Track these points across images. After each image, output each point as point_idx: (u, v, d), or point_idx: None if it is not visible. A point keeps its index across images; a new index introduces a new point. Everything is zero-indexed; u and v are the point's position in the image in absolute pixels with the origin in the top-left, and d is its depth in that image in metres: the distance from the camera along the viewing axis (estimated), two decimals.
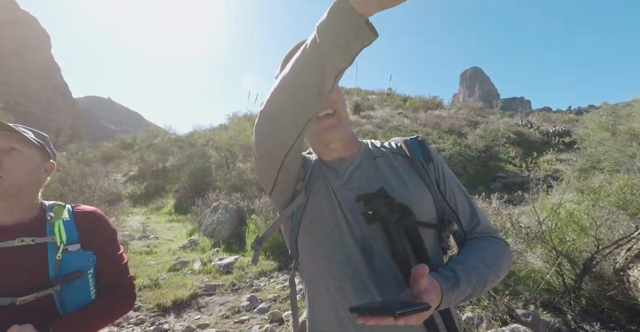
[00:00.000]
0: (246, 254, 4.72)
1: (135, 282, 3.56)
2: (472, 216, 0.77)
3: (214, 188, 8.19)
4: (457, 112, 17.48)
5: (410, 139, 0.85)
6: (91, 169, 9.67)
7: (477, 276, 0.65)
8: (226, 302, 3.16)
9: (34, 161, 0.90)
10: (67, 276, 0.88)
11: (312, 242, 0.77)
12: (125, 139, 19.55)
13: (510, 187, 7.85)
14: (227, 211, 5.98)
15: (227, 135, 10.84)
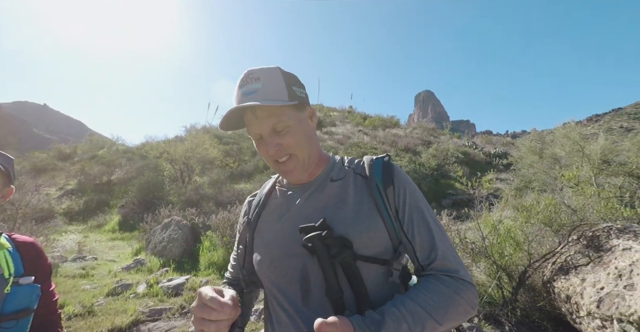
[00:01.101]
0: (199, 273, 4.41)
1: (64, 311, 3.11)
2: (431, 249, 0.67)
3: (166, 203, 7.64)
4: (412, 131, 18.77)
5: (376, 158, 0.77)
6: (18, 182, 8.44)
7: (411, 322, 0.58)
8: (172, 328, 2.89)
9: None
10: (15, 313, 0.80)
11: (260, 270, 0.76)
12: (63, 149, 17.51)
13: (459, 203, 8.51)
14: (180, 227, 5.59)
15: (183, 148, 10.30)
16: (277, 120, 0.69)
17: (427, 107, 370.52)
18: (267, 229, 0.79)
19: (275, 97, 0.68)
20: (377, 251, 0.68)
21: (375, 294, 0.66)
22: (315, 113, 0.79)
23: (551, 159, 7.58)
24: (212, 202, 7.73)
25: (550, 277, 2.43)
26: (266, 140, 0.71)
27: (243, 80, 0.70)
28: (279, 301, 0.72)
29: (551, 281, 2.41)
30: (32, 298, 0.85)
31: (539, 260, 2.59)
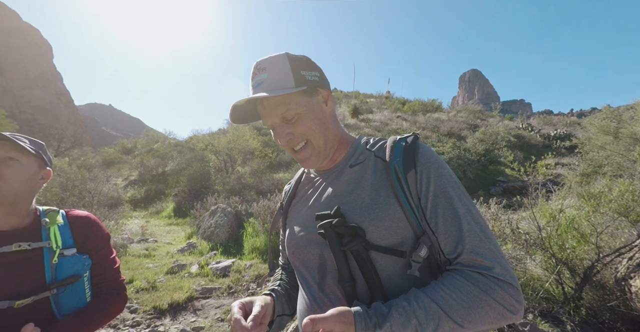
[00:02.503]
0: (243, 257, 4.69)
1: (133, 285, 3.54)
2: (458, 241, 0.60)
3: (212, 192, 8.19)
4: (457, 115, 17.53)
5: (399, 139, 0.71)
6: (92, 174, 9.68)
7: (423, 318, 0.54)
8: (222, 306, 3.13)
9: (31, 169, 0.91)
10: (63, 280, 0.89)
11: (290, 254, 0.78)
12: (126, 144, 19.62)
13: (510, 191, 7.82)
14: (225, 214, 5.96)
15: (226, 140, 10.87)
16: (285, 108, 0.67)
17: (473, 88, 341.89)
18: (295, 215, 0.80)
19: (281, 86, 0.66)
20: (393, 241, 0.63)
21: (392, 287, 0.62)
22: (330, 96, 0.74)
23: (630, 139, 6.52)
24: (253, 190, 8.10)
25: (626, 274, 2.12)
26: (278, 129, 0.70)
27: (253, 72, 0.70)
28: (302, 285, 0.74)
29: (627, 278, 2.10)
30: (77, 267, 0.93)
31: (611, 254, 2.27)
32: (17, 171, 0.87)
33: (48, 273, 0.87)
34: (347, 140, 0.79)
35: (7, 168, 0.85)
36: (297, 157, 0.74)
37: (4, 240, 0.84)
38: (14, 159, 0.87)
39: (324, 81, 0.73)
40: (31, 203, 0.94)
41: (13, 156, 0.87)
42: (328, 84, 0.75)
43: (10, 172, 0.85)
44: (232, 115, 0.73)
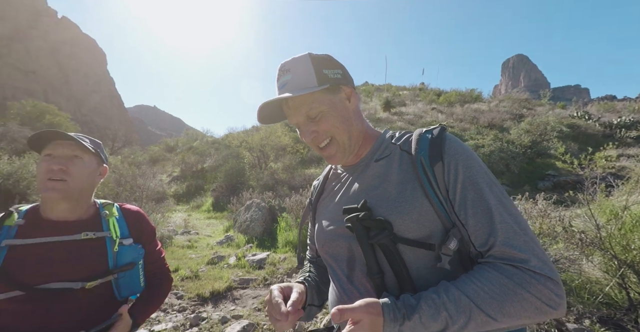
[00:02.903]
0: (277, 250, 4.83)
1: (178, 273, 3.83)
2: (489, 233, 0.58)
3: (247, 187, 8.53)
4: (499, 104, 16.33)
5: (425, 131, 0.70)
6: (140, 171, 10.56)
7: (453, 311, 0.54)
8: (258, 296, 3.27)
9: (91, 166, 1.01)
10: (123, 266, 1.00)
11: (320, 248, 0.80)
12: (169, 142, 21.11)
13: (561, 186, 7.14)
14: (260, 209, 6.18)
15: (259, 137, 11.21)
16: (309, 107, 0.70)
17: (518, 75, 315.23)
18: (323, 210, 0.82)
19: (304, 86, 0.68)
20: (421, 234, 0.62)
21: (422, 280, 0.62)
22: (353, 92, 0.75)
23: None
24: (285, 186, 8.28)
25: None
26: (303, 128, 0.73)
27: (278, 74, 0.73)
28: (332, 278, 0.77)
29: None
30: (134, 255, 1.04)
31: None
32: (81, 167, 0.96)
33: (110, 260, 0.97)
34: (372, 135, 0.80)
35: (73, 165, 0.94)
36: (322, 154, 0.76)
37: (73, 229, 0.95)
38: (78, 157, 0.96)
39: (347, 78, 0.74)
40: (91, 197, 1.05)
41: (77, 154, 0.96)
42: (351, 81, 0.76)
43: (75, 169, 0.95)
44: (260, 116, 0.76)
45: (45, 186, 0.90)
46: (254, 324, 2.59)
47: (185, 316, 2.86)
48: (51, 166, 0.90)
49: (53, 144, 0.94)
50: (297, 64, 0.70)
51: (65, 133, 0.94)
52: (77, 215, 0.98)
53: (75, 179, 0.94)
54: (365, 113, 15.73)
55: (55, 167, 0.90)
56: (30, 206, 0.97)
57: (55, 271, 0.87)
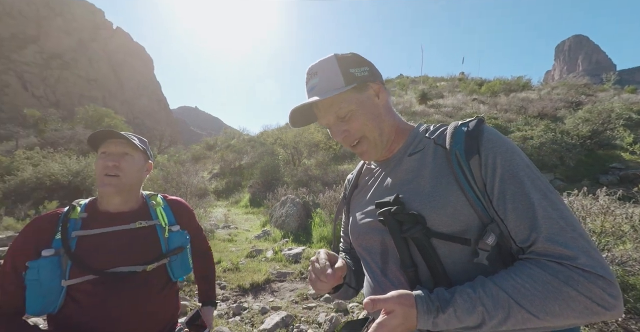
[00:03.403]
0: (312, 245, 4.92)
1: (221, 265, 4.08)
2: (531, 228, 0.56)
3: (282, 183, 8.76)
4: (551, 92, 14.86)
5: (460, 124, 0.68)
6: (184, 168, 11.36)
7: (490, 306, 0.53)
8: (295, 289, 3.37)
9: (140, 162, 1.11)
10: (174, 250, 1.11)
11: (354, 241, 0.82)
12: (209, 141, 22.37)
13: (630, 180, 6.33)
14: (294, 204, 6.32)
15: (293, 134, 11.41)
16: (338, 108, 0.71)
17: (575, 58, 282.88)
18: (357, 205, 0.84)
19: (331, 87, 0.70)
20: (456, 228, 0.61)
21: (457, 275, 0.61)
22: (382, 88, 0.75)
23: None
24: (319, 182, 8.36)
25: None
26: (333, 128, 0.75)
27: (306, 77, 0.76)
28: (366, 270, 0.78)
29: None
30: (182, 240, 1.16)
31: None
32: (131, 163, 1.06)
33: (163, 245, 1.08)
34: (405, 129, 0.80)
35: (125, 162, 1.05)
36: (355, 151, 0.77)
37: (128, 219, 1.06)
38: (128, 154, 1.06)
39: (374, 74, 0.75)
40: (140, 190, 1.16)
41: (128, 152, 1.06)
42: (379, 76, 0.76)
43: (126, 165, 1.05)
44: (292, 119, 0.79)
45: (102, 181, 1.01)
46: (292, 316, 2.68)
47: (228, 305, 3.04)
48: (106, 162, 1.01)
49: (107, 143, 1.05)
50: (324, 66, 0.72)
51: (117, 132, 1.04)
52: (129, 206, 1.08)
53: (127, 175, 1.04)
54: (400, 107, 15.22)
55: (110, 164, 1.01)
56: (88, 200, 1.08)
57: (119, 257, 0.98)
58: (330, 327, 2.45)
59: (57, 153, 11.60)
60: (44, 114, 19.57)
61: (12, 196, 8.66)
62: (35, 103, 42.52)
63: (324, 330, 2.47)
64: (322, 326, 2.54)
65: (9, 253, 0.90)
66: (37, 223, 0.95)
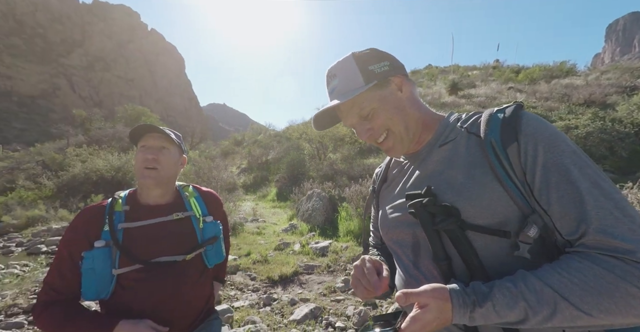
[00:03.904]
0: (339, 239, 4.94)
1: (250, 257, 4.24)
2: (580, 219, 0.52)
3: (308, 178, 8.84)
4: (600, 77, 13.55)
5: (496, 111, 0.64)
6: (214, 164, 11.85)
7: (534, 301, 0.50)
8: (323, 282, 3.42)
9: (176, 156, 1.17)
10: (209, 240, 1.16)
11: (384, 235, 0.82)
12: (237, 137, 23.07)
13: None
14: (320, 198, 6.36)
15: None
16: (360, 108, 0.70)
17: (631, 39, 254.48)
18: (386, 198, 0.83)
19: (351, 88, 0.69)
20: (494, 220, 0.58)
21: (495, 269, 0.58)
22: (404, 80, 0.73)
23: None
24: (344, 176, 8.32)
25: None
26: (357, 128, 0.74)
27: (326, 80, 0.75)
28: (398, 264, 0.77)
29: None
30: (216, 230, 1.21)
31: None
32: (168, 157, 1.12)
33: (199, 235, 1.14)
34: (434, 120, 0.77)
35: (163, 155, 1.10)
36: (381, 147, 0.76)
37: (166, 211, 1.12)
38: (166, 148, 1.12)
39: (396, 67, 0.73)
40: (175, 183, 1.22)
41: (165, 146, 1.12)
42: (401, 69, 0.74)
43: (164, 158, 1.10)
44: (316, 123, 0.80)
45: (142, 174, 1.06)
46: (321, 308, 2.73)
47: (258, 295, 3.16)
48: (146, 155, 1.07)
49: (146, 137, 1.10)
50: (342, 67, 0.71)
51: (156, 126, 1.10)
52: (166, 199, 1.14)
53: (164, 168, 1.09)
54: (428, 98, 14.64)
55: (149, 157, 1.06)
56: (127, 192, 1.13)
57: (161, 247, 1.05)
58: (359, 320, 2.46)
59: (101, 150, 12.60)
60: (89, 113, 21.24)
61: (65, 189, 9.57)
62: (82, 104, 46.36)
63: (352, 323, 2.49)
64: (350, 318, 2.56)
65: (63, 243, 0.99)
66: (85, 215, 1.02)
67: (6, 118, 40.23)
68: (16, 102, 41.45)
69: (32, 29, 49.59)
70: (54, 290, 0.95)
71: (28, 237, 6.29)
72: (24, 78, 44.80)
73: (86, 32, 55.30)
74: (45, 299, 0.94)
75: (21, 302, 3.15)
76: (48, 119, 40.78)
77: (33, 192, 9.26)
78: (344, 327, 2.44)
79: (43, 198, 9.01)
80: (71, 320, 0.91)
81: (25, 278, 3.89)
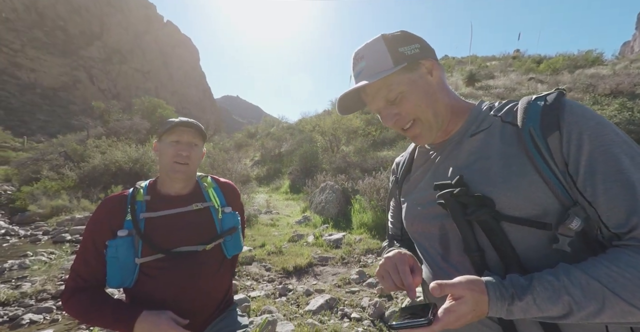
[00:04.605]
0: (352, 231, 4.96)
1: (265, 248, 4.31)
2: (631, 211, 0.49)
3: (321, 170, 8.85)
4: (629, 66, 12.83)
5: (535, 98, 0.61)
6: (229, 156, 12.01)
7: (579, 296, 0.48)
8: (337, 273, 3.45)
9: (202, 151, 1.19)
10: (228, 230, 1.17)
11: (409, 227, 0.79)
12: (250, 129, 23.25)
13: None
14: (334, 191, 6.37)
15: (331, 120, 11.34)
16: (387, 91, 0.67)
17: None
18: (411, 189, 0.80)
19: (380, 69, 0.65)
20: (532, 212, 0.56)
21: (532, 262, 0.56)
22: (435, 65, 0.69)
23: None
24: (357, 169, 8.29)
25: None
26: (383, 112, 0.70)
27: (353, 62, 0.71)
28: (424, 256, 0.74)
29: None
30: (235, 220, 1.19)
31: None
32: (198, 153, 1.15)
33: (217, 226, 1.15)
34: (464, 108, 0.73)
35: (194, 152, 1.12)
36: (407, 135, 0.72)
37: (185, 202, 1.13)
38: (197, 144, 1.15)
39: (427, 50, 0.69)
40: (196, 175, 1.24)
41: (197, 143, 1.14)
42: (432, 53, 0.70)
43: (195, 155, 1.13)
44: (340, 107, 0.77)
45: (173, 168, 1.08)
46: (336, 299, 2.76)
47: (274, 286, 3.23)
48: (180, 151, 1.08)
49: (180, 131, 1.11)
50: (371, 49, 0.68)
51: (193, 122, 1.12)
52: (187, 190, 1.16)
53: (194, 163, 1.12)
54: None
55: (184, 153, 1.08)
56: (147, 182, 1.15)
57: (182, 237, 1.07)
58: (375, 312, 2.48)
59: (119, 142, 12.97)
60: (108, 106, 21.81)
61: (86, 180, 9.95)
62: (101, 96, 47.69)
63: (368, 314, 2.51)
64: (366, 310, 2.58)
65: (88, 232, 1.02)
66: (108, 205, 1.05)
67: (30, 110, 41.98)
68: (39, 94, 43.08)
69: (52, 22, 50.96)
70: (80, 277, 0.99)
71: (53, 226, 6.61)
72: (47, 70, 46.36)
73: (104, 24, 56.41)
74: (73, 286, 0.98)
75: (49, 288, 3.33)
76: (69, 111, 42.27)
77: (56, 183, 9.66)
78: (360, 318, 2.47)
79: (66, 188, 9.39)
80: (96, 307, 0.94)
81: (53, 265, 4.11)
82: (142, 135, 16.57)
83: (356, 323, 2.39)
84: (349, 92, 0.71)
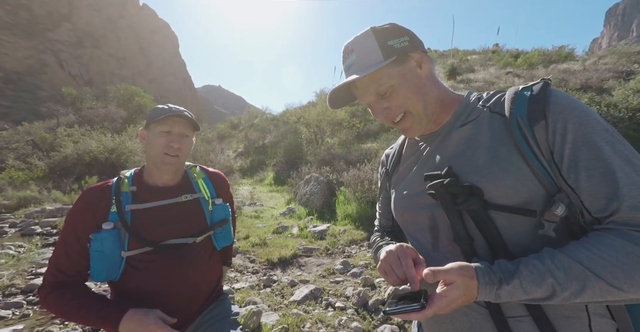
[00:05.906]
0: (337, 223, 5.01)
1: (249, 240, 4.28)
2: (611, 196, 0.51)
3: (305, 162, 8.82)
4: (597, 62, 13.47)
5: (522, 88, 0.63)
6: (211, 147, 11.72)
7: (562, 278, 0.50)
8: (322, 264, 3.49)
9: (193, 142, 1.15)
10: (219, 222, 1.15)
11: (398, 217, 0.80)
12: (233, 120, 22.71)
13: None
14: (318, 183, 6.38)
15: (315, 112, 11.26)
16: (377, 85, 0.67)
17: (629, 23, 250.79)
18: (400, 180, 0.81)
19: (369, 63, 0.66)
20: (519, 200, 0.58)
21: (519, 248, 0.59)
22: (424, 58, 0.69)
23: None
24: (342, 161, 8.32)
25: None
26: (374, 106, 0.71)
27: (342, 56, 0.72)
28: (415, 246, 0.75)
29: None
30: (226, 212, 1.18)
31: None
32: (189, 145, 1.11)
33: (208, 218, 1.13)
34: (453, 99, 0.74)
35: (185, 143, 1.08)
36: (398, 128, 0.72)
37: (174, 193, 1.10)
38: (188, 136, 1.10)
39: (416, 43, 0.69)
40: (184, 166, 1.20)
41: (188, 134, 1.10)
42: (421, 45, 0.71)
43: (186, 146, 1.09)
44: (331, 102, 0.76)
45: (162, 159, 1.03)
46: (320, 289, 2.80)
47: (258, 277, 3.22)
48: (171, 143, 1.04)
49: (172, 121, 1.05)
50: (360, 42, 0.68)
51: (187, 115, 1.07)
52: (175, 181, 1.13)
53: (184, 155, 1.08)
54: None
55: (175, 145, 1.04)
56: (132, 172, 1.10)
57: (171, 229, 1.04)
58: (358, 301, 2.54)
59: (94, 131, 12.32)
60: (80, 92, 20.52)
61: (57, 170, 9.42)
62: (72, 82, 44.78)
63: (352, 303, 2.56)
64: (350, 299, 2.64)
65: (69, 224, 0.96)
66: (90, 195, 0.99)
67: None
68: (2, 78, 39.85)
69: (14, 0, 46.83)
70: (61, 271, 0.93)
71: (21, 218, 6.24)
72: (9, 52, 42.82)
73: (73, 4, 52.43)
74: (52, 281, 0.93)
75: (19, 282, 3.17)
76: (36, 96, 39.48)
77: (24, 173, 9.09)
78: (344, 307, 2.52)
79: (35, 179, 8.87)
80: (79, 304, 0.90)
81: (22, 259, 3.90)
82: (118, 124, 15.78)
83: (340, 312, 2.44)
84: (339, 86, 0.71)
